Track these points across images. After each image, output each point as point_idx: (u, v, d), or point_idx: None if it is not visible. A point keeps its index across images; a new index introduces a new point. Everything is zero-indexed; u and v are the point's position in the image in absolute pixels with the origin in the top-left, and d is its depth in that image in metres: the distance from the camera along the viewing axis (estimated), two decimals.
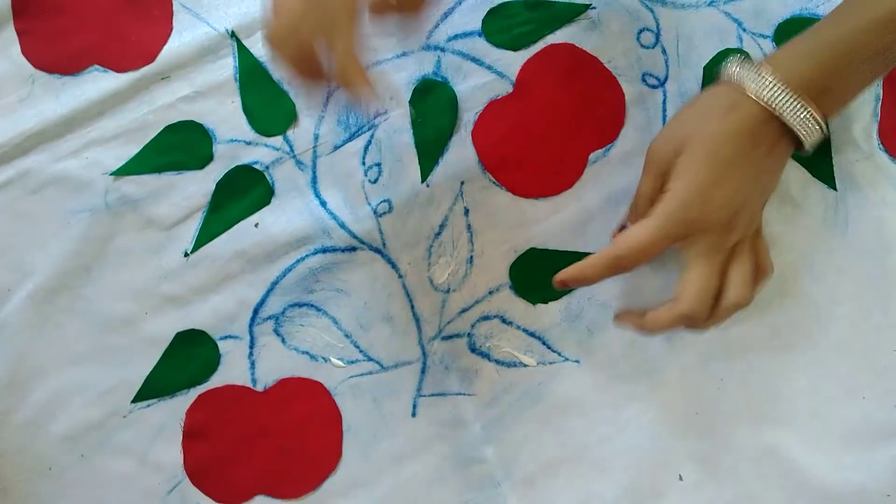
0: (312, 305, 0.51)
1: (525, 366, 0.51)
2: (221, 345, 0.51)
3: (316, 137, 0.51)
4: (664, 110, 0.52)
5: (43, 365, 0.50)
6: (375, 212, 0.51)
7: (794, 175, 0.52)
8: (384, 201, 0.51)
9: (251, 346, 0.51)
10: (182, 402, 0.50)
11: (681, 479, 0.50)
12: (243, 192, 0.51)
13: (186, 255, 0.51)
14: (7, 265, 0.51)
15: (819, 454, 0.50)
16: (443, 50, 0.52)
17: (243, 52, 0.51)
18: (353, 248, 0.51)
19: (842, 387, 0.51)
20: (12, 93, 0.51)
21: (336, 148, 0.52)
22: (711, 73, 0.52)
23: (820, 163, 0.52)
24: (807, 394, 0.51)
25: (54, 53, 0.51)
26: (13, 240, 0.51)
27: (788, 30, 0.52)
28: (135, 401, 0.50)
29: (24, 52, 0.51)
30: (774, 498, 0.50)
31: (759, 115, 0.42)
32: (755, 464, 0.50)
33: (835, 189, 0.52)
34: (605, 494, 0.50)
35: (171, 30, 0.51)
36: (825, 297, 0.51)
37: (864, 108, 0.52)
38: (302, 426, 0.50)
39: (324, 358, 0.51)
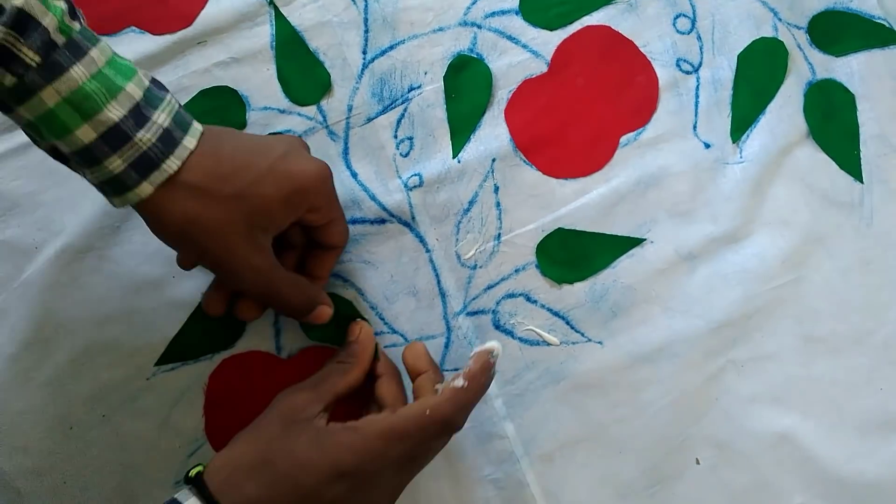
0: (339, 276, 0.51)
1: (548, 344, 0.51)
2: None
3: (349, 108, 0.52)
4: (697, 96, 0.52)
5: (68, 324, 0.50)
6: (406, 185, 0.51)
7: (823, 166, 0.52)
8: (415, 175, 0.51)
9: (277, 314, 0.51)
10: (206, 367, 0.51)
11: (698, 462, 0.51)
12: None
13: None
14: (35, 223, 0.50)
15: (835, 443, 0.51)
16: (479, 27, 0.52)
17: (280, 20, 0.51)
18: (383, 221, 0.51)
19: (860, 377, 0.51)
20: None
21: (369, 120, 0.52)
22: (746, 62, 0.52)
23: (847, 155, 0.52)
24: (825, 383, 0.51)
25: (90, 13, 0.50)
26: (42, 198, 0.50)
27: (822, 22, 0.53)
28: (158, 363, 0.50)
29: None
30: (789, 484, 0.50)
31: None
32: (771, 450, 0.51)
33: (861, 181, 0.52)
34: (623, 474, 0.51)
35: None
36: (848, 287, 0.52)
37: (893, 102, 0.53)
38: None
39: None
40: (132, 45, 0.51)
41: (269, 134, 0.51)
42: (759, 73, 0.52)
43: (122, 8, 0.51)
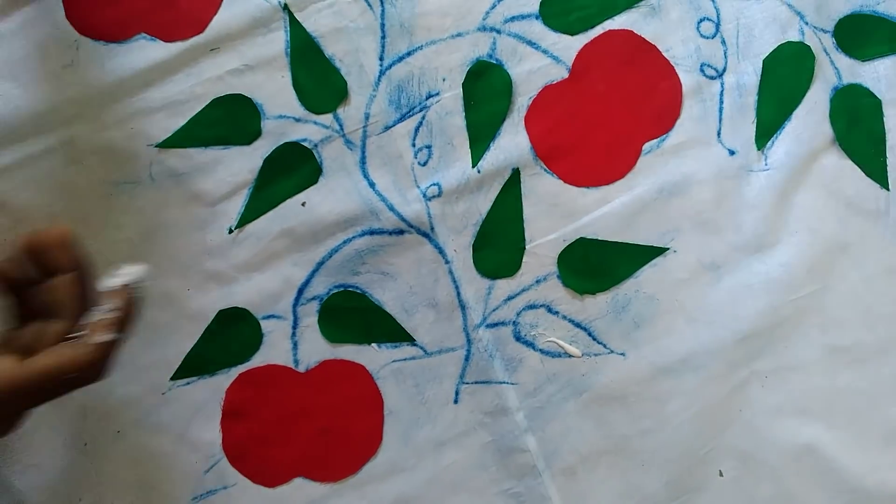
0: (358, 288, 0.50)
1: (570, 356, 0.51)
2: (264, 324, 0.50)
3: (367, 117, 0.51)
4: (721, 101, 0.52)
5: None
6: (425, 195, 0.51)
7: (848, 174, 0.52)
8: (434, 185, 0.51)
9: (294, 327, 0.50)
10: (222, 381, 0.50)
11: (721, 474, 0.50)
12: (291, 169, 0.50)
13: (231, 231, 0.50)
14: None
15: (859, 454, 0.50)
16: (499, 32, 0.51)
17: (295, 26, 0.50)
18: (401, 232, 0.51)
19: (885, 387, 0.51)
20: (56, 59, 0.50)
21: (386, 128, 0.51)
22: (772, 66, 0.51)
23: (874, 162, 0.52)
24: (848, 393, 0.51)
25: (100, 19, 0.50)
26: (53, 210, 0.50)
27: (849, 26, 0.52)
28: (174, 378, 0.50)
29: (69, 17, 0.50)
30: (813, 496, 0.50)
31: None
32: (795, 461, 0.50)
33: (887, 189, 0.52)
34: (646, 487, 0.50)
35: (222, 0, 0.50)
36: (872, 296, 0.51)
37: None
38: (343, 409, 0.50)
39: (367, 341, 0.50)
40: (143, 52, 0.50)
41: (286, 143, 0.50)
42: (784, 78, 0.51)
43: (132, 14, 0.50)
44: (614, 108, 0.52)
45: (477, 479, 0.50)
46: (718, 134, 0.52)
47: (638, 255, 0.51)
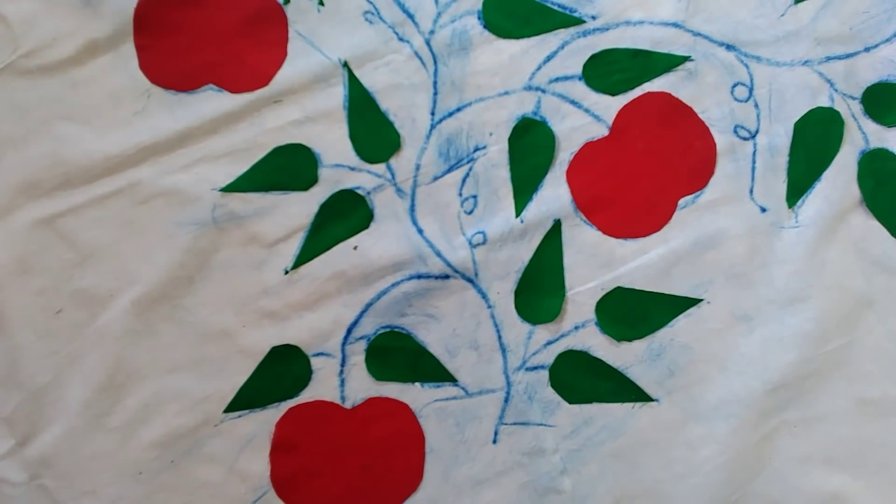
0: (404, 329, 0.53)
1: None
2: (314, 361, 0.53)
3: (417, 167, 0.54)
4: (754, 162, 0.55)
5: (140, 371, 0.53)
6: (470, 242, 0.54)
7: (875, 233, 0.54)
8: (479, 233, 0.54)
9: (342, 364, 0.53)
10: (272, 415, 0.53)
11: None
12: (344, 215, 0.54)
13: (286, 272, 0.53)
14: (112, 272, 0.53)
15: None
16: (543, 91, 0.55)
17: (354, 82, 0.54)
18: (447, 276, 0.53)
19: None
20: (128, 106, 0.54)
21: (435, 178, 0.54)
22: (802, 130, 0.54)
23: None
24: (875, 444, 0.53)
25: (171, 70, 0.54)
26: (119, 248, 0.53)
27: (876, 93, 0.55)
28: (227, 411, 0.53)
29: (143, 67, 0.54)
30: None
31: None
32: None
33: None
34: None
35: (286, 56, 0.54)
36: None
37: None
38: (386, 445, 0.53)
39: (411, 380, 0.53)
40: (210, 102, 0.54)
41: (341, 190, 0.53)
42: (815, 140, 0.55)
43: (202, 66, 0.54)
44: (652, 164, 0.55)
45: None
46: (751, 192, 0.55)
47: (673, 305, 0.54)
